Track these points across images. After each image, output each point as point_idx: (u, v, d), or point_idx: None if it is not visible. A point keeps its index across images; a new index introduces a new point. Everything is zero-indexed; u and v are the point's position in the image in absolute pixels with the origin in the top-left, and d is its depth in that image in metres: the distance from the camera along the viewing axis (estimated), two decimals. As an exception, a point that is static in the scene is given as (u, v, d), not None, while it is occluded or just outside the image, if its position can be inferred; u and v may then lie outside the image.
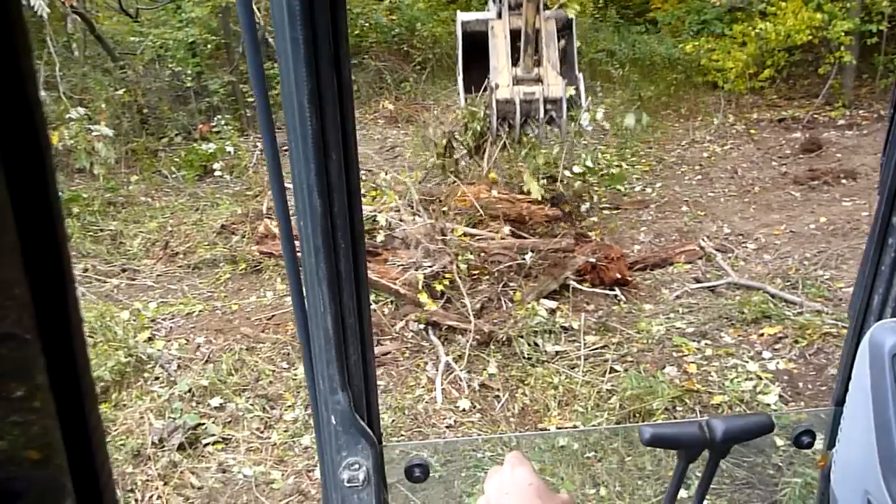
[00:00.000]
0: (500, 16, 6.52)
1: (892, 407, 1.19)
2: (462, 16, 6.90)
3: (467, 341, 5.10)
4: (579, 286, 5.66)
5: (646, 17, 13.17)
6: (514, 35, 6.27)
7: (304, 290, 1.15)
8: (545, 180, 7.05)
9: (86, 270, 6.26)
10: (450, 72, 12.63)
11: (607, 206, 7.76)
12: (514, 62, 6.25)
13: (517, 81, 6.19)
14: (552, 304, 5.50)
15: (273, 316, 5.65)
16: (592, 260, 5.74)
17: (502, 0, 6.49)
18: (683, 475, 1.38)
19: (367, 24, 12.46)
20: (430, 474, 1.37)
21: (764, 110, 10.80)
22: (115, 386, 4.68)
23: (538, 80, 6.20)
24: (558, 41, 6.55)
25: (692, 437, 1.32)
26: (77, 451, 0.38)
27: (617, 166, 8.71)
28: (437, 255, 5.61)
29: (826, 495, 1.47)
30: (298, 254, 1.13)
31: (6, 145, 0.33)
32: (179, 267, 6.49)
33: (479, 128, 6.81)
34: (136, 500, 3.78)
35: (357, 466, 1.24)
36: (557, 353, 5.05)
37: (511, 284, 5.74)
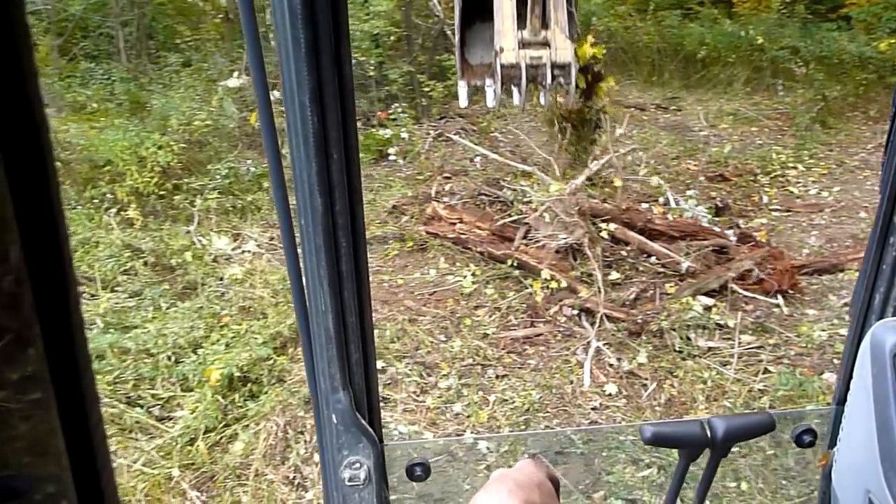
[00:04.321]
0: None
1: (894, 406, 1.17)
2: None
3: (619, 329, 5.21)
4: (739, 290, 5.58)
5: (838, 13, 12.44)
6: None
7: (305, 288, 1.15)
8: (705, 178, 6.96)
9: (272, 239, 6.91)
10: (623, 67, 12.58)
11: (777, 207, 7.52)
12: (521, 25, 6.00)
13: (523, 45, 6.00)
14: (709, 300, 5.47)
15: (435, 292, 5.99)
16: (755, 269, 5.60)
17: None
18: (684, 474, 1.38)
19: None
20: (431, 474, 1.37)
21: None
22: (292, 342, 5.18)
23: (545, 44, 5.96)
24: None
25: (693, 436, 1.32)
26: (78, 449, 0.38)
27: (792, 167, 8.39)
28: (581, 237, 5.74)
29: (827, 494, 1.46)
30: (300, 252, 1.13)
31: (7, 145, 0.32)
32: (353, 241, 7.00)
33: None
34: (305, 441, 4.23)
35: (358, 465, 1.25)
36: (710, 348, 5.05)
37: (670, 280, 5.76)
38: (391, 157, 8.90)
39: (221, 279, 6.01)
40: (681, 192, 7.33)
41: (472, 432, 4.48)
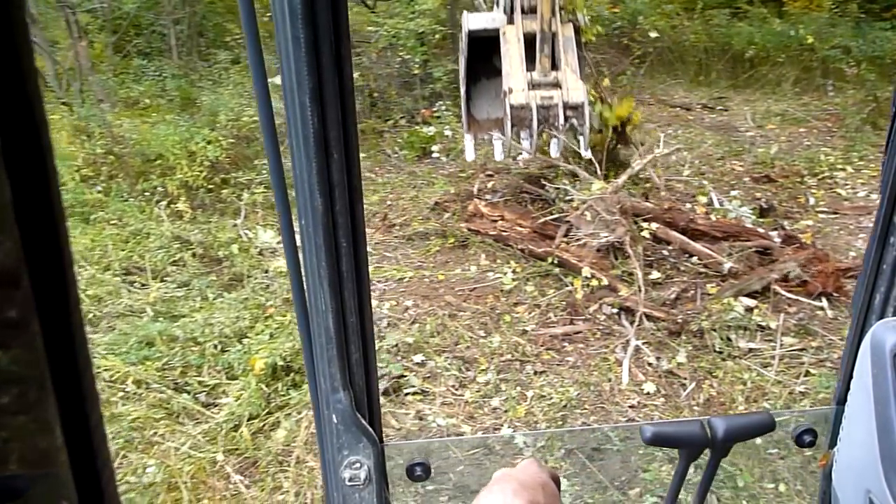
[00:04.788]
0: (510, 21, 5.81)
1: (894, 406, 1.17)
2: (470, 20, 6.00)
3: (659, 329, 5.21)
4: (782, 291, 5.52)
5: (893, 12, 12.17)
6: (528, 43, 5.59)
7: (305, 288, 1.15)
8: (750, 179, 6.89)
9: (316, 233, 7.04)
10: (669, 66, 12.48)
11: (824, 209, 7.41)
12: (529, 68, 5.54)
13: (533, 86, 5.50)
14: (751, 301, 5.43)
15: (475, 288, 6.04)
16: (799, 271, 5.54)
17: (513, 3, 5.79)
18: (685, 474, 1.37)
19: (589, 17, 12.58)
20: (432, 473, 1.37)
21: None
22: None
23: (556, 85, 5.48)
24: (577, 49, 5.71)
25: (693, 436, 1.31)
26: (79, 449, 0.38)
27: (840, 169, 8.25)
28: (622, 235, 5.73)
29: (827, 494, 1.45)
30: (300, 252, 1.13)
31: (8, 145, 0.32)
32: (395, 237, 7.09)
33: None
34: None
35: (358, 465, 1.25)
36: (751, 349, 5.02)
37: (711, 281, 5.74)
38: (434, 155, 8.99)
39: (266, 271, 6.14)
40: (725, 193, 7.27)
41: (509, 427, 4.52)
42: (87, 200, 7.17)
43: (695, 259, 5.90)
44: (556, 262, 6.02)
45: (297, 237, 1.12)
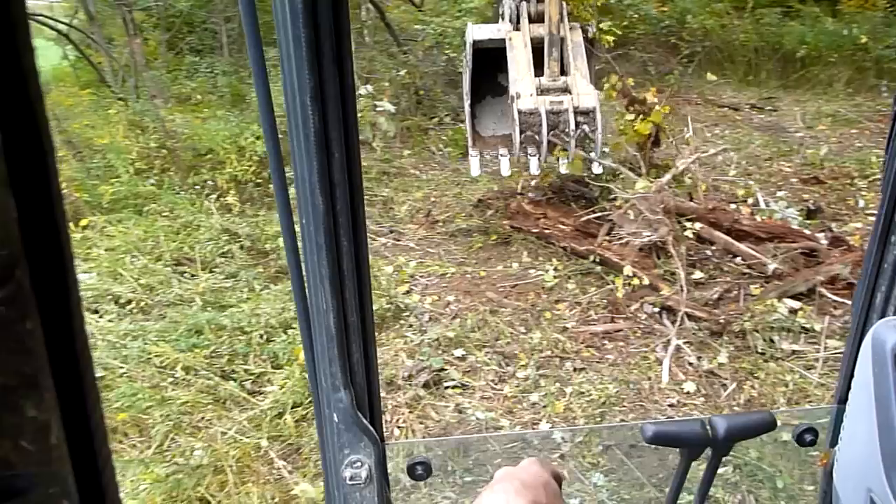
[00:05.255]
0: (517, 29, 5.67)
1: (895, 405, 1.17)
2: (474, 31, 5.82)
3: (701, 328, 5.19)
4: (828, 294, 5.46)
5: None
6: (536, 50, 5.44)
7: (306, 287, 1.15)
8: (798, 180, 6.80)
9: (359, 228, 7.15)
10: (718, 66, 12.34)
11: (874, 212, 7.26)
12: (537, 74, 5.39)
13: (542, 91, 5.31)
14: (795, 303, 5.38)
15: (516, 285, 6.08)
16: (847, 274, 5.47)
17: (519, 9, 5.67)
18: (685, 473, 1.38)
19: (636, 16, 12.51)
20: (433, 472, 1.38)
21: None
22: (376, 327, 5.38)
23: (566, 90, 5.30)
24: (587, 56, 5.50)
25: (694, 434, 1.31)
26: (80, 449, 0.38)
27: (892, 172, 8.08)
28: (665, 235, 5.71)
29: (828, 493, 1.46)
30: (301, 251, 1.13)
31: (9, 146, 0.32)
32: (438, 233, 7.17)
33: None
34: (387, 421, 4.40)
35: (359, 464, 1.25)
36: (794, 351, 4.97)
37: (755, 282, 5.69)
38: (478, 152, 9.05)
39: (311, 265, 6.26)
40: (771, 194, 7.19)
41: (547, 422, 4.56)
42: (140, 192, 7.39)
43: (738, 259, 5.86)
44: (597, 260, 6.03)
45: (298, 236, 1.12)
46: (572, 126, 5.29)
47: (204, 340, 5.01)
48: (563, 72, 5.37)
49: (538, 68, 5.41)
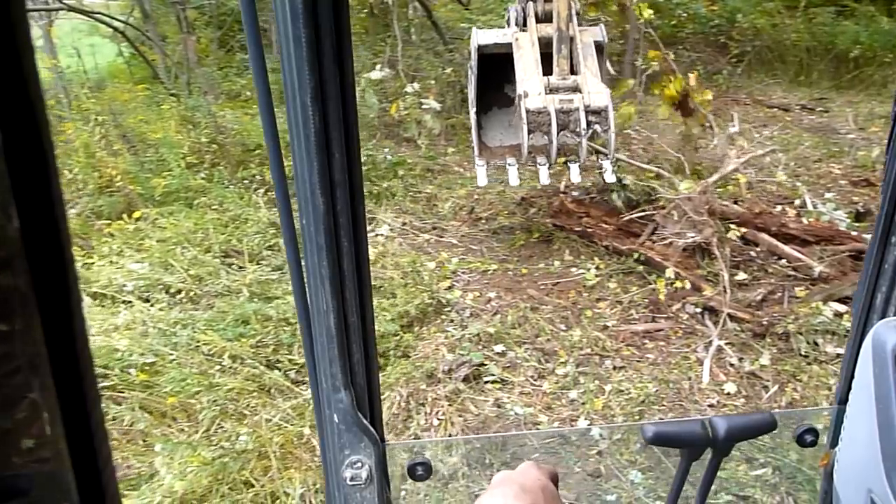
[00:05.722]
0: (523, 30, 5.48)
1: (895, 405, 1.17)
2: (479, 36, 5.60)
3: (743, 330, 5.16)
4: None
5: None
6: (544, 50, 5.27)
7: (306, 288, 1.15)
8: (848, 182, 6.67)
9: (404, 224, 7.23)
10: (768, 66, 12.16)
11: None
12: (546, 73, 5.19)
13: (550, 90, 5.07)
14: (841, 307, 5.31)
15: (558, 283, 6.11)
16: None
17: (526, 10, 5.49)
18: (686, 474, 1.37)
19: (684, 15, 12.40)
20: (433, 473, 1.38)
21: None
22: (418, 321, 5.46)
23: (575, 89, 5.07)
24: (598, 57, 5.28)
25: (694, 435, 1.31)
26: (80, 449, 0.38)
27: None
28: (710, 236, 5.68)
29: (829, 494, 1.45)
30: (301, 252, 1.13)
31: (10, 146, 0.32)
32: (480, 230, 7.22)
33: None
34: (426, 413, 4.48)
35: (360, 465, 1.25)
36: (838, 355, 4.91)
37: (800, 284, 5.63)
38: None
39: (355, 259, 6.36)
40: (819, 196, 7.09)
41: (586, 419, 4.58)
42: (191, 186, 7.58)
43: (783, 262, 5.80)
44: (640, 259, 6.02)
45: (299, 236, 1.12)
46: (583, 125, 5.03)
47: (250, 330, 5.14)
48: (573, 71, 5.21)
49: (546, 68, 5.28)
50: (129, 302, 5.57)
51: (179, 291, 5.78)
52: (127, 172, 7.60)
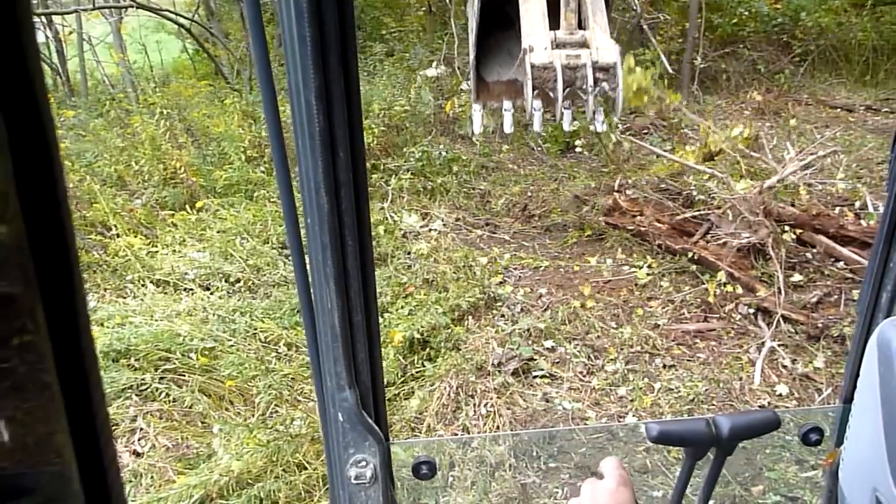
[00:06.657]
0: None
1: None
2: None
3: (797, 332, 5.10)
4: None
5: None
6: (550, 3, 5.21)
7: (311, 287, 1.15)
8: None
9: (458, 220, 7.32)
10: (832, 65, 11.90)
11: None
12: (552, 27, 5.11)
13: (557, 45, 5.09)
14: (900, 311, 5.21)
15: (609, 281, 6.12)
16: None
17: None
18: (690, 472, 1.38)
19: (746, 13, 12.19)
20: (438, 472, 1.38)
21: None
22: (469, 315, 5.54)
23: (583, 45, 5.02)
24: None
25: (699, 434, 1.31)
26: (85, 448, 0.38)
27: None
28: (765, 237, 5.62)
29: (834, 493, 1.45)
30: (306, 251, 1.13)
31: (14, 146, 0.32)
32: (533, 227, 7.26)
33: None
34: (475, 405, 4.55)
35: (364, 464, 1.25)
36: (895, 360, 4.83)
37: (857, 286, 5.54)
38: (577, 150, 9.07)
39: (409, 253, 6.47)
40: (881, 198, 6.93)
41: (634, 416, 4.60)
42: (251, 179, 7.78)
43: (841, 264, 5.71)
44: (694, 258, 5.99)
45: (303, 236, 1.12)
46: (590, 82, 5.08)
47: (307, 320, 5.28)
48: (581, 26, 5.18)
49: (553, 20, 5.24)
50: (191, 289, 5.78)
51: (238, 280, 5.96)
52: (190, 165, 7.85)
